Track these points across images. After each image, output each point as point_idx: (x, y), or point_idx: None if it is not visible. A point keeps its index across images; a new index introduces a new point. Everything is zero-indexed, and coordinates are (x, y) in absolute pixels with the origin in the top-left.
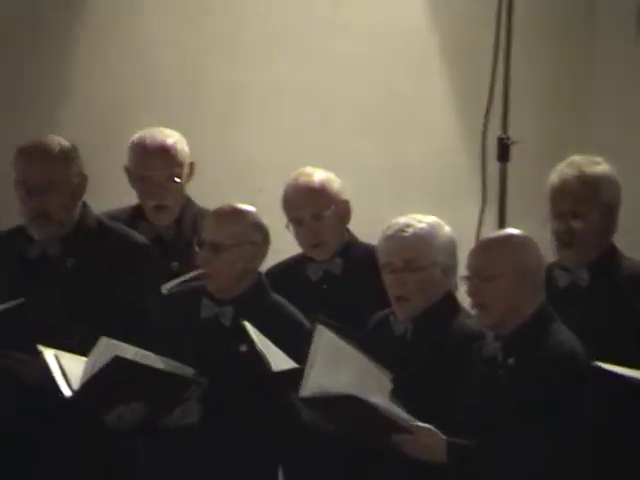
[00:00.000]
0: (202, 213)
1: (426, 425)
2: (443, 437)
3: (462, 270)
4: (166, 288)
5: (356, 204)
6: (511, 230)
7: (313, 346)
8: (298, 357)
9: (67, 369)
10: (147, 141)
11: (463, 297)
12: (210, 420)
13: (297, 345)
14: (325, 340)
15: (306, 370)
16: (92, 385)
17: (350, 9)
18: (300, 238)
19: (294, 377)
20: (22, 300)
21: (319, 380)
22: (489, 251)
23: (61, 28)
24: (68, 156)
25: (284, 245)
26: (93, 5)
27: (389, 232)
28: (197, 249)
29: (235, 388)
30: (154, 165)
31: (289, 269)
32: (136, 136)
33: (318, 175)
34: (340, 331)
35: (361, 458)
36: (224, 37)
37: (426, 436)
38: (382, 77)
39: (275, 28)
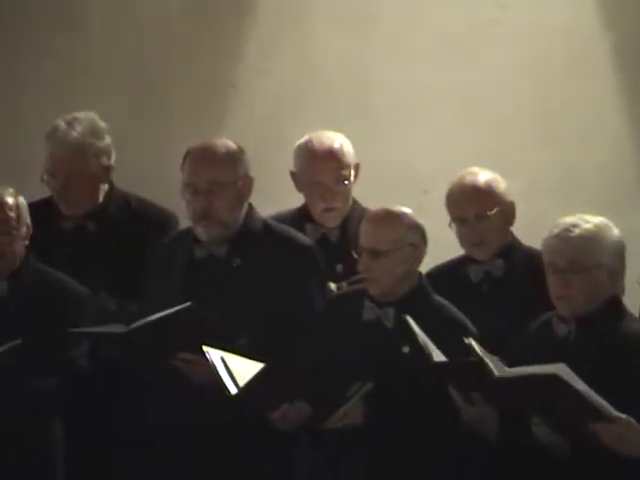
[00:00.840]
0: None
1: (630, 418)
2: None
3: (630, 274)
4: (330, 289)
5: (524, 207)
6: None
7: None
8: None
9: (233, 369)
10: (315, 145)
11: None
12: (374, 421)
13: (460, 346)
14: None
15: (485, 359)
16: (257, 382)
17: (517, 10)
18: (462, 237)
19: (453, 370)
20: (188, 304)
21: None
22: None
23: (231, 30)
24: (234, 158)
25: (449, 247)
26: (262, 7)
27: (555, 231)
28: (356, 256)
29: (398, 389)
30: (323, 169)
31: (450, 270)
32: (302, 141)
33: (484, 175)
34: None
35: (523, 458)
36: (390, 40)
37: (629, 428)
38: (550, 79)
39: (440, 31)
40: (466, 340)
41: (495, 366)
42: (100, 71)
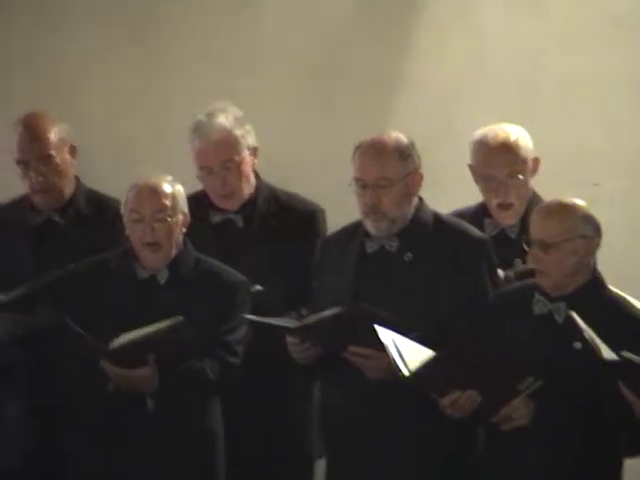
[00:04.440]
0: None
1: None
2: None
3: None
4: (501, 275)
5: None
6: None
7: None
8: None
9: (403, 352)
10: (489, 139)
11: None
12: (543, 419)
13: (635, 342)
14: None
15: None
16: (431, 366)
17: None
18: None
19: (623, 367)
20: (353, 303)
21: None
22: None
23: (401, 18)
24: (403, 154)
25: (621, 239)
26: None
27: None
28: (526, 248)
29: (569, 386)
30: (496, 163)
31: None
32: (479, 133)
33: None
34: None
35: None
36: (563, 25)
37: None
38: None
39: (614, 14)
40: (623, 354)
41: None
42: (270, 57)
